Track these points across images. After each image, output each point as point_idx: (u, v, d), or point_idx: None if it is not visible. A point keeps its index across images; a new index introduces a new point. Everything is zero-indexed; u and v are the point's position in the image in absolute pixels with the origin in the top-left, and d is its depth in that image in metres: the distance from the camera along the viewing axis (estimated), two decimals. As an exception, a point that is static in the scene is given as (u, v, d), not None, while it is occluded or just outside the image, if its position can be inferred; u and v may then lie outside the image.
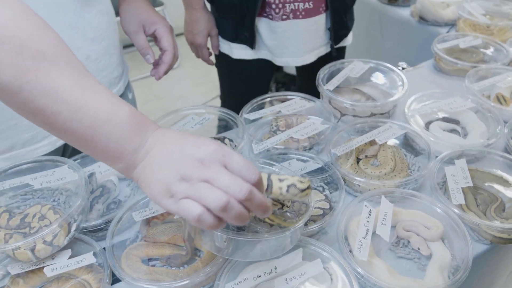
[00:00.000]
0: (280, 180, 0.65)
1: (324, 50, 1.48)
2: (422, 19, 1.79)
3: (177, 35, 3.67)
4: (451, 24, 1.73)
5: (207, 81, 3.44)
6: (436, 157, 0.98)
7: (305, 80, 1.69)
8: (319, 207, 0.89)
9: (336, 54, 1.49)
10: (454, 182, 0.92)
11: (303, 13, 1.36)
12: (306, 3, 1.35)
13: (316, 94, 1.16)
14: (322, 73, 1.19)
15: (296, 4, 1.34)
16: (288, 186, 0.65)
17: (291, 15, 1.36)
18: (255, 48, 1.42)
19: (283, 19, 1.36)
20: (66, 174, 0.86)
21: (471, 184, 0.91)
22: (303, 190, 0.66)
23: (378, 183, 0.92)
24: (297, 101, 1.13)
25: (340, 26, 1.45)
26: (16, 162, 0.89)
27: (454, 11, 1.73)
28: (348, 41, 1.56)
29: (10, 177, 0.88)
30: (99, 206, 0.90)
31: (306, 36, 1.41)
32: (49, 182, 0.85)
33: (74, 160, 0.97)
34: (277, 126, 1.06)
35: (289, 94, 1.15)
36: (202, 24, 1.45)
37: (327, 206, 0.89)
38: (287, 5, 1.34)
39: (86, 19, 0.95)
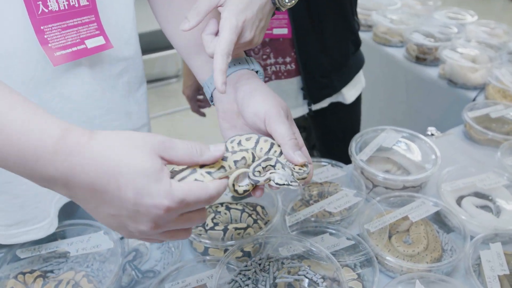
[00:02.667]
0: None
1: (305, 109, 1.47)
2: (450, 81, 1.80)
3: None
4: (480, 88, 1.74)
5: (228, 120, 3.47)
6: (471, 237, 0.97)
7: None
8: (351, 287, 0.88)
9: (312, 113, 1.47)
10: (490, 269, 0.90)
11: (285, 73, 1.38)
12: (288, 65, 1.36)
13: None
14: (355, 141, 1.19)
15: (278, 66, 1.36)
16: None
17: (273, 76, 1.38)
18: None
19: (265, 81, 1.36)
20: (102, 241, 0.87)
21: (507, 272, 0.90)
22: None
23: (411, 265, 0.90)
24: (329, 169, 1.13)
25: (318, 86, 1.42)
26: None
27: (483, 75, 1.74)
28: (347, 98, 1.50)
29: (46, 240, 0.89)
30: (131, 271, 0.90)
31: (286, 95, 1.41)
32: (85, 249, 0.86)
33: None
34: (310, 196, 1.06)
35: (323, 160, 1.15)
36: (191, 78, 1.57)
37: (360, 286, 0.88)
38: (268, 67, 1.36)
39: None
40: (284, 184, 0.64)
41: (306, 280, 0.86)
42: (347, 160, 1.18)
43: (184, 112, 3.64)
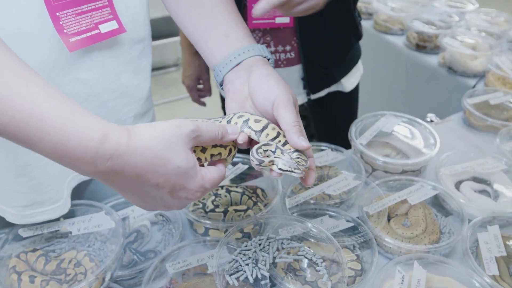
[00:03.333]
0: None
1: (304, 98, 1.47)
2: (450, 69, 1.80)
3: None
4: (480, 76, 1.74)
5: (227, 109, 3.47)
6: (469, 220, 0.98)
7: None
8: (350, 268, 0.89)
9: (311, 102, 1.48)
10: (487, 250, 0.91)
11: (284, 62, 1.38)
12: (288, 53, 1.37)
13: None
14: (355, 126, 1.20)
15: (278, 54, 1.36)
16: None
17: (272, 65, 1.37)
18: None
19: None
20: (103, 221, 0.87)
21: (504, 254, 0.91)
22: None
23: (410, 247, 0.91)
24: (328, 153, 1.14)
25: (318, 76, 1.43)
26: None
27: (483, 63, 1.74)
28: (346, 87, 1.51)
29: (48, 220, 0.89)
30: (132, 255, 0.91)
31: (289, 83, 1.40)
32: (87, 229, 0.86)
33: (106, 203, 0.98)
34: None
35: (322, 144, 1.16)
36: (192, 68, 1.59)
37: (359, 267, 0.89)
38: None
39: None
40: (287, 171, 0.65)
41: (306, 260, 0.87)
42: (346, 147, 1.18)
43: (184, 100, 3.64)
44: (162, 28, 2.99)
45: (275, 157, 0.66)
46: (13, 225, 0.88)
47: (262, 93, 0.71)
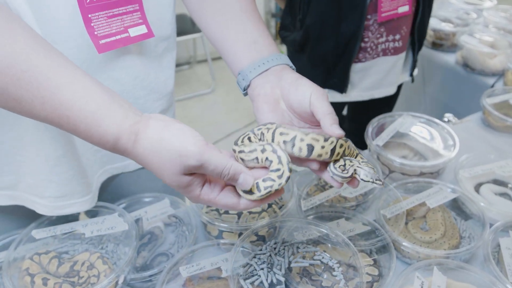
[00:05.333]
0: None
1: (401, 79, 1.61)
2: (468, 67, 1.76)
3: (214, 59, 3.74)
4: (499, 75, 1.70)
5: (239, 107, 3.46)
6: (490, 225, 0.95)
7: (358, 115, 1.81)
8: (367, 273, 0.87)
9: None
10: (509, 256, 0.89)
11: (392, 50, 1.47)
12: (396, 42, 1.45)
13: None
14: (371, 126, 1.17)
15: (387, 43, 1.44)
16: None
17: (381, 53, 1.46)
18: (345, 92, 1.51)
19: (374, 58, 1.46)
20: (116, 223, 0.86)
21: (528, 260, 0.88)
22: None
23: (429, 252, 0.89)
24: (344, 154, 1.12)
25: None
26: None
27: (502, 61, 1.70)
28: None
29: (61, 221, 0.89)
30: (145, 254, 0.90)
31: (391, 70, 1.52)
32: (100, 231, 0.85)
33: (119, 205, 0.98)
34: (326, 181, 1.05)
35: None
36: None
37: (376, 273, 0.87)
38: (379, 45, 1.43)
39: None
40: (369, 181, 0.66)
41: (322, 265, 0.85)
42: (362, 147, 1.16)
43: (196, 98, 3.64)
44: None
45: (357, 166, 0.67)
46: (26, 225, 0.88)
47: (299, 92, 0.72)
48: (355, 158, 0.70)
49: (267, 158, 0.62)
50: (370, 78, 1.51)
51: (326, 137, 0.64)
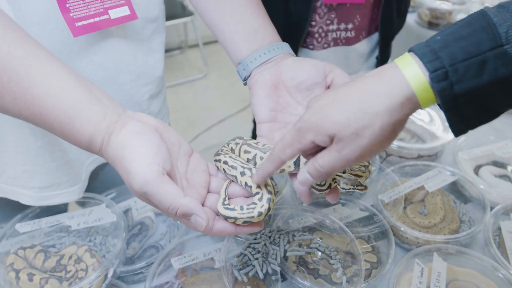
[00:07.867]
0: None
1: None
2: (464, 46, 1.73)
3: (205, 43, 3.67)
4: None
5: (232, 92, 3.41)
6: (491, 208, 0.92)
7: None
8: (365, 260, 0.84)
9: None
10: (511, 240, 0.86)
11: (343, 40, 1.36)
12: (348, 32, 1.35)
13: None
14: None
15: (338, 32, 1.34)
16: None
17: (331, 43, 1.35)
18: None
19: (324, 48, 1.35)
20: (104, 214, 0.83)
21: (530, 243, 0.86)
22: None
23: (429, 237, 0.86)
24: (340, 138, 1.08)
25: (385, 53, 1.44)
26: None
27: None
28: None
29: (46, 214, 0.85)
30: (135, 245, 0.87)
31: (344, 62, 1.40)
32: (87, 223, 0.82)
33: (108, 195, 0.94)
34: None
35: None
36: None
37: (374, 259, 0.84)
38: (329, 33, 1.33)
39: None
40: (350, 189, 0.63)
41: (319, 253, 0.82)
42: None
43: (188, 84, 3.58)
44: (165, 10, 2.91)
45: (336, 175, 0.63)
46: (10, 218, 0.85)
47: (307, 64, 0.70)
48: None
49: (246, 183, 0.61)
50: None
51: None
